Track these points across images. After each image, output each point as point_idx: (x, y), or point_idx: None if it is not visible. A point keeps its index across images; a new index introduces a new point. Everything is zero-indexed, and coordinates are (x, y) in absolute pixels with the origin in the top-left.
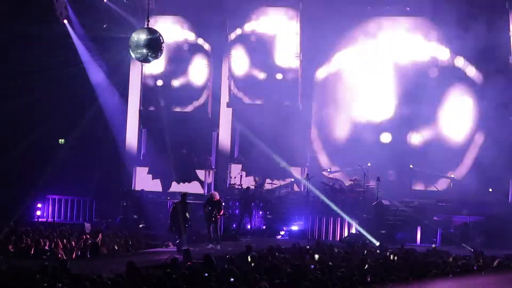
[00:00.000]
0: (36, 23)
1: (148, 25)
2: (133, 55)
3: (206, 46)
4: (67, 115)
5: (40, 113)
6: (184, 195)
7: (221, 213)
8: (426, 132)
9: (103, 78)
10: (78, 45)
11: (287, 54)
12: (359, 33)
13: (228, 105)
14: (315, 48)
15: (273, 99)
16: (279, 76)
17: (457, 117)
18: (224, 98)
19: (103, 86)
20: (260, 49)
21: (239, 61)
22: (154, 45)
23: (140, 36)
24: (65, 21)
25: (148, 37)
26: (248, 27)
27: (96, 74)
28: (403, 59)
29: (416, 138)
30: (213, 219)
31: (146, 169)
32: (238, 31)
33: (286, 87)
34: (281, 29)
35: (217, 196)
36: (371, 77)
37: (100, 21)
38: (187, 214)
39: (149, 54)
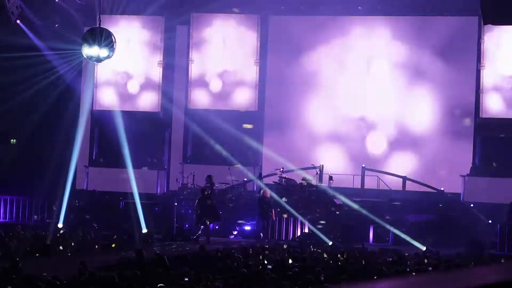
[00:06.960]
0: None
1: (100, 24)
2: (85, 54)
3: (160, 45)
4: (18, 114)
5: None
6: (203, 190)
7: (274, 212)
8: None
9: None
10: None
11: (247, 59)
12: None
13: (186, 110)
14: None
15: (228, 104)
16: (235, 81)
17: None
18: (178, 97)
19: (57, 84)
20: (219, 54)
21: (195, 64)
22: (106, 44)
23: (91, 36)
24: (18, 21)
25: (100, 36)
26: (209, 31)
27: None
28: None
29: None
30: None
31: (99, 169)
32: (198, 34)
33: (244, 92)
34: (241, 35)
35: (268, 194)
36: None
37: (52, 21)
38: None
39: (100, 53)
